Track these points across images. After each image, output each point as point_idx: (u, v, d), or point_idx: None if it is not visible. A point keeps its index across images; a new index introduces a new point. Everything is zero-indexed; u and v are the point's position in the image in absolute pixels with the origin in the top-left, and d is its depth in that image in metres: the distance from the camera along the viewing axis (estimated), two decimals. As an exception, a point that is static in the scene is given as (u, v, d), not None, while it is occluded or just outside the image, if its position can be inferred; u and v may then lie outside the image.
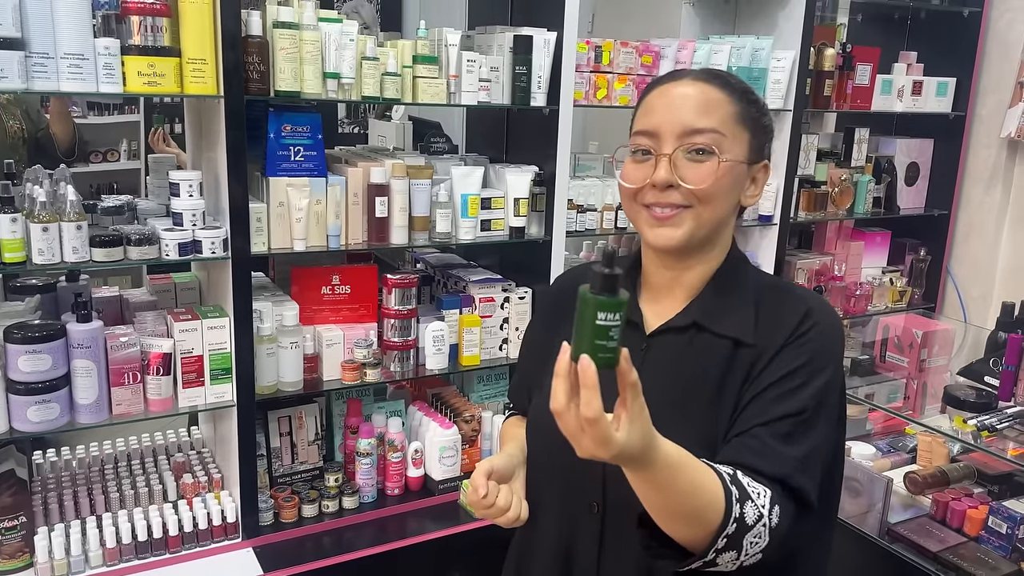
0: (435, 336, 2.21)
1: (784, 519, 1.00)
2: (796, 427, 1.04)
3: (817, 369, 1.07)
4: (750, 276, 1.18)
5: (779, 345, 1.09)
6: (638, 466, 0.90)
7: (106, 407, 1.85)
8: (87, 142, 4.23)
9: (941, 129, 3.12)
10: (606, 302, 0.81)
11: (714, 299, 1.15)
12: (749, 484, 0.99)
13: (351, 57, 1.92)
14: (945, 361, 2.12)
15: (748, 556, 0.99)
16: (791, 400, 1.05)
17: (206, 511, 1.99)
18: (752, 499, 0.98)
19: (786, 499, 1.01)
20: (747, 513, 0.97)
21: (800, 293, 1.18)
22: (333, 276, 2.16)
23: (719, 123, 1.09)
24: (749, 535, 0.97)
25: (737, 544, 0.97)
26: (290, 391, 2.06)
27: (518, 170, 2.29)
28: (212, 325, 1.92)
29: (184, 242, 1.84)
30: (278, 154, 1.95)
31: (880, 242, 3.13)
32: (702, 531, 0.96)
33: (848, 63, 2.78)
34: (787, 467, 1.02)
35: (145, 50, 1.73)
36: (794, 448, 1.04)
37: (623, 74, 2.35)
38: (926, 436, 1.85)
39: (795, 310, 1.11)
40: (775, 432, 1.04)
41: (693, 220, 1.10)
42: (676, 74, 1.16)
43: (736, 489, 0.97)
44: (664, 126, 1.10)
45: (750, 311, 1.13)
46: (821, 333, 1.10)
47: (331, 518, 2.14)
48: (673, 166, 1.08)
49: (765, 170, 1.17)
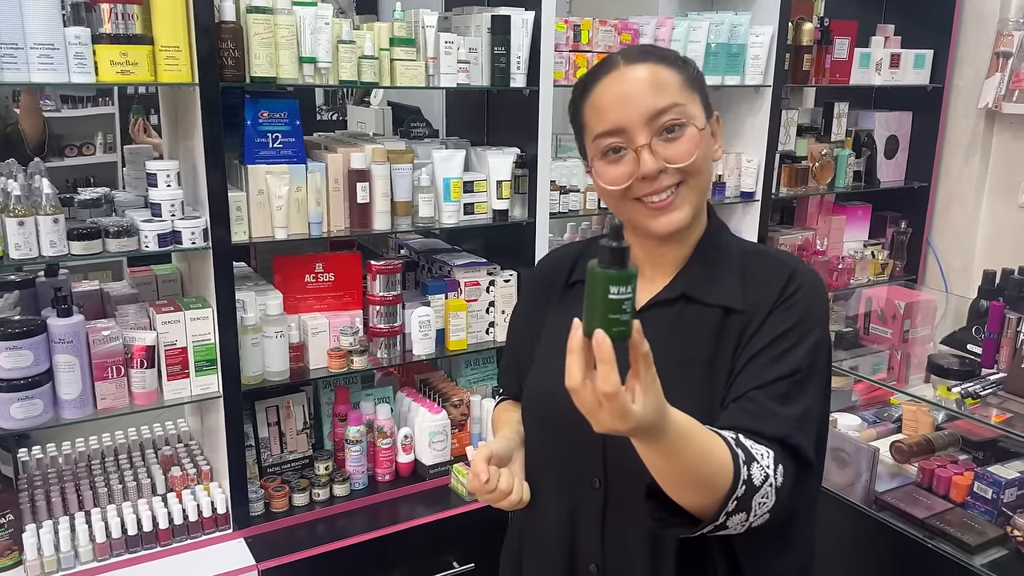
0: (421, 321, 2.20)
1: (787, 478, 1.02)
2: (791, 388, 1.06)
3: (807, 330, 1.09)
4: (732, 244, 1.20)
5: (767, 309, 1.10)
6: (652, 437, 0.90)
7: (90, 402, 1.83)
8: (59, 136, 4.18)
9: (919, 101, 3.14)
10: (617, 276, 0.81)
11: (700, 270, 1.16)
12: (752, 446, 1.00)
13: (327, 41, 1.90)
14: (928, 331, 2.13)
15: (757, 517, 1.00)
16: (784, 362, 1.07)
17: (196, 503, 1.99)
18: (757, 460, 0.99)
19: (787, 458, 1.03)
20: (754, 474, 0.98)
21: (782, 257, 1.19)
22: (316, 264, 2.15)
23: (676, 95, 1.10)
24: (757, 496, 0.98)
25: (746, 506, 0.98)
26: (277, 381, 2.05)
27: (499, 152, 2.27)
28: (195, 316, 1.90)
29: (163, 233, 1.82)
30: (256, 141, 1.92)
31: (861, 216, 3.15)
32: (712, 496, 0.96)
33: (826, 37, 2.78)
34: (785, 427, 1.04)
35: (117, 38, 1.70)
36: (791, 408, 1.05)
37: (602, 53, 2.34)
38: (911, 405, 1.87)
39: (780, 273, 1.13)
40: (771, 394, 1.05)
41: (690, 194, 1.11)
42: (605, 67, 1.14)
43: (742, 452, 0.98)
44: (628, 119, 1.09)
45: (736, 278, 1.14)
46: (807, 295, 1.11)
47: (322, 506, 2.14)
48: (654, 153, 1.09)
49: (718, 121, 1.18)
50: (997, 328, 1.83)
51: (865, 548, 1.66)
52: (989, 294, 1.92)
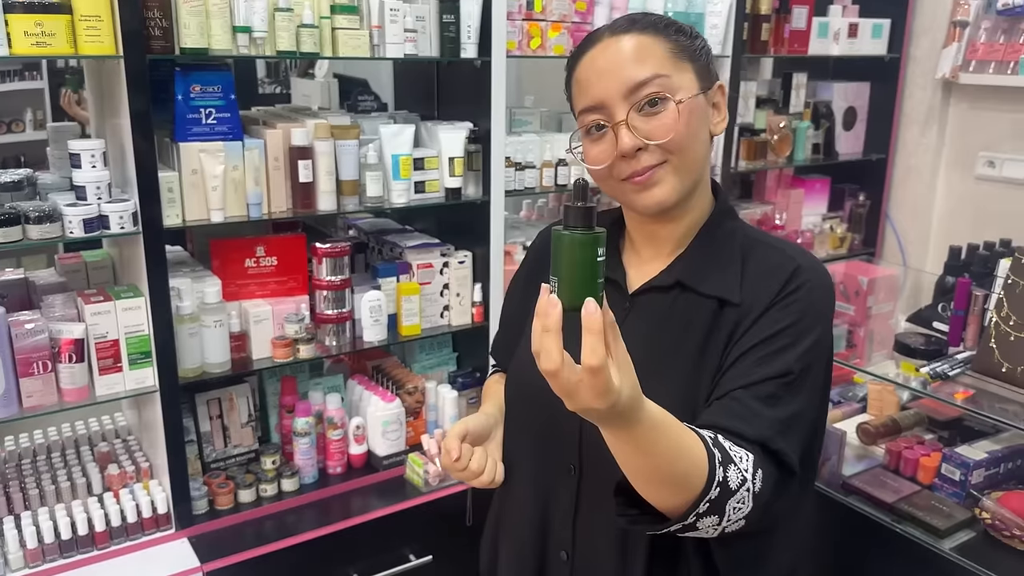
0: (372, 306, 2.11)
1: (767, 484, 0.96)
2: (780, 389, 1.00)
3: (805, 330, 1.03)
4: (736, 231, 1.12)
5: (765, 304, 1.04)
6: (625, 422, 0.85)
7: (15, 400, 1.71)
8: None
9: (877, 72, 3.10)
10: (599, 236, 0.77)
11: (699, 257, 1.10)
12: (731, 448, 0.95)
13: (262, 8, 1.77)
14: (890, 307, 2.10)
15: (730, 522, 0.95)
16: (776, 361, 1.01)
17: (135, 503, 1.88)
18: (735, 463, 0.93)
19: (767, 463, 0.97)
20: (730, 477, 0.92)
21: (789, 250, 1.11)
22: (257, 247, 2.03)
23: (658, 66, 1.03)
24: (732, 500, 0.93)
25: (719, 509, 0.93)
26: (217, 372, 1.94)
27: (451, 127, 2.17)
28: (127, 306, 1.78)
29: (89, 218, 1.69)
30: (188, 117, 1.80)
31: (820, 189, 3.12)
32: (684, 496, 0.91)
33: (784, 6, 2.72)
34: (768, 430, 0.98)
35: (31, 7, 1.56)
36: (777, 411, 0.99)
37: (557, 22, 2.24)
38: (876, 385, 1.83)
39: (783, 267, 1.06)
40: (757, 394, 0.99)
41: (674, 173, 1.04)
42: (591, 39, 1.09)
43: (719, 452, 0.93)
44: (607, 93, 1.04)
45: (736, 269, 1.08)
46: (810, 292, 1.04)
47: (270, 502, 2.04)
48: (633, 129, 1.02)
49: (721, 91, 1.11)
50: (964, 305, 1.79)
51: (833, 533, 1.63)
52: (955, 270, 1.89)
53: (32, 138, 4.26)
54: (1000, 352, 1.60)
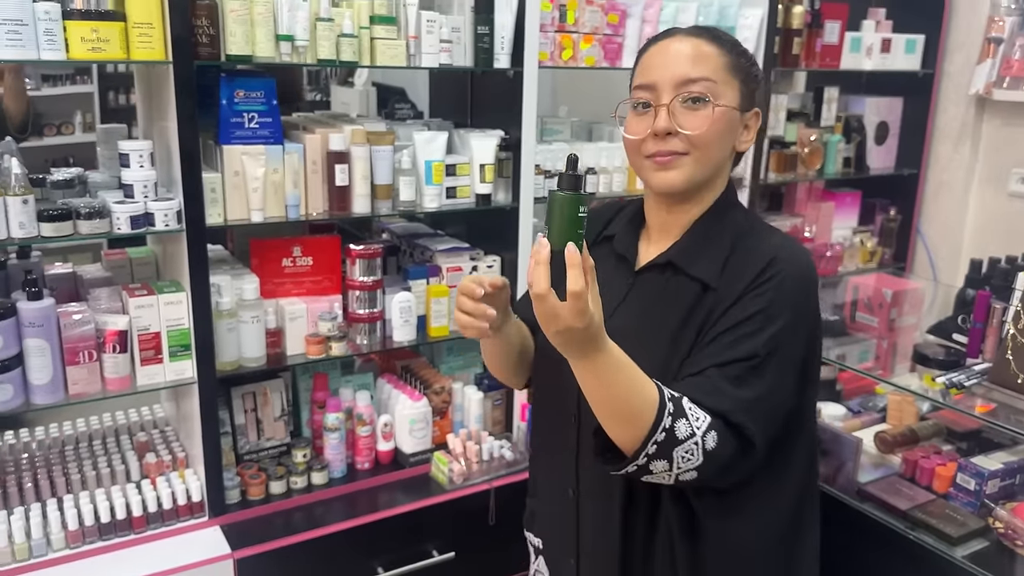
0: (402, 307, 2.17)
1: (723, 448, 1.07)
2: (746, 371, 1.10)
3: (772, 316, 1.12)
4: (734, 221, 1.22)
5: (739, 293, 1.14)
6: (593, 349, 1.01)
7: (62, 387, 1.79)
8: (39, 115, 4.09)
9: (910, 87, 3.10)
10: (582, 196, 0.97)
11: (692, 242, 1.21)
12: (690, 408, 1.07)
13: (304, 18, 1.85)
14: (915, 320, 2.11)
15: (681, 471, 1.07)
16: (744, 344, 1.11)
17: (170, 490, 1.95)
18: (687, 417, 1.06)
19: (727, 432, 1.08)
20: (678, 427, 1.05)
21: (773, 240, 1.21)
22: (294, 247, 2.11)
23: (711, 72, 1.17)
24: (680, 448, 1.05)
25: (667, 454, 1.05)
26: (253, 367, 2.01)
27: (483, 135, 2.23)
28: (169, 300, 1.86)
29: (136, 215, 1.77)
30: (231, 121, 1.88)
31: (850, 202, 3.12)
32: (635, 432, 1.05)
33: (817, 20, 2.74)
34: (731, 405, 1.08)
35: (88, 14, 1.65)
36: (741, 391, 1.09)
37: (589, 34, 2.29)
38: (896, 395, 1.84)
39: (761, 258, 1.16)
40: (726, 374, 1.10)
41: (692, 164, 1.17)
42: (669, 32, 1.24)
43: (672, 405, 1.06)
44: (661, 79, 1.18)
45: (722, 256, 1.18)
46: (781, 282, 1.14)
47: (300, 494, 2.11)
48: (671, 114, 1.16)
49: (756, 117, 1.23)
50: (983, 318, 1.80)
51: (848, 540, 1.64)
52: (976, 283, 1.90)
53: (81, 140, 4.40)
54: (1016, 364, 1.61)
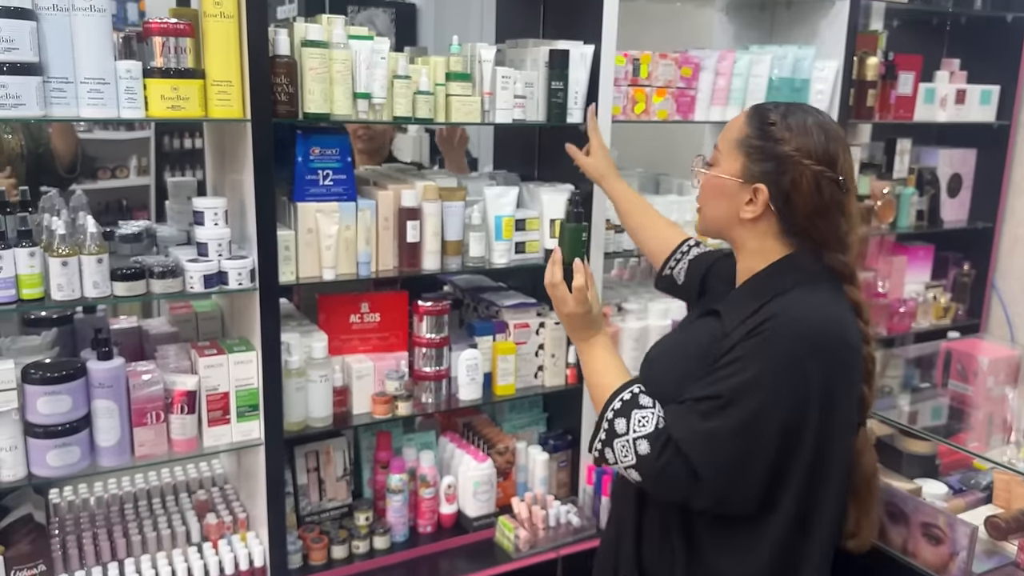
0: (468, 365, 2.11)
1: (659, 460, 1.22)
2: (711, 409, 1.22)
3: (744, 367, 1.21)
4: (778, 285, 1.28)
5: (735, 341, 1.25)
6: (589, 333, 1.41)
7: (128, 449, 1.75)
8: (93, 159, 4.13)
9: (984, 139, 3.01)
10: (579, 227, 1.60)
11: (739, 295, 1.36)
12: (642, 418, 1.25)
13: (382, 76, 1.82)
14: (1011, 390, 2.00)
15: (621, 465, 1.27)
16: (716, 385, 1.23)
17: (232, 554, 1.89)
18: (629, 419, 1.26)
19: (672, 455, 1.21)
20: (617, 424, 1.27)
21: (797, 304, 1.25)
22: (362, 303, 2.06)
23: (722, 142, 1.35)
24: (617, 442, 1.26)
25: (611, 444, 1.27)
26: (319, 427, 1.96)
27: (553, 189, 2.18)
28: (239, 360, 1.82)
29: (210, 274, 1.74)
30: (306, 178, 1.85)
31: (923, 256, 3.02)
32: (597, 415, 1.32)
33: (891, 72, 2.67)
34: (683, 432, 1.22)
35: (168, 72, 1.63)
36: (702, 424, 1.21)
37: (662, 87, 2.24)
38: (1003, 475, 1.74)
39: (767, 313, 1.24)
40: (697, 408, 1.23)
41: (699, 218, 1.43)
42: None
43: (621, 403, 1.28)
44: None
45: (751, 309, 1.27)
46: (765, 339, 1.21)
47: (361, 559, 2.04)
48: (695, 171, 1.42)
49: (758, 193, 1.28)
50: (1100, 393, 1.70)
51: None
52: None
53: (135, 183, 4.45)
54: None
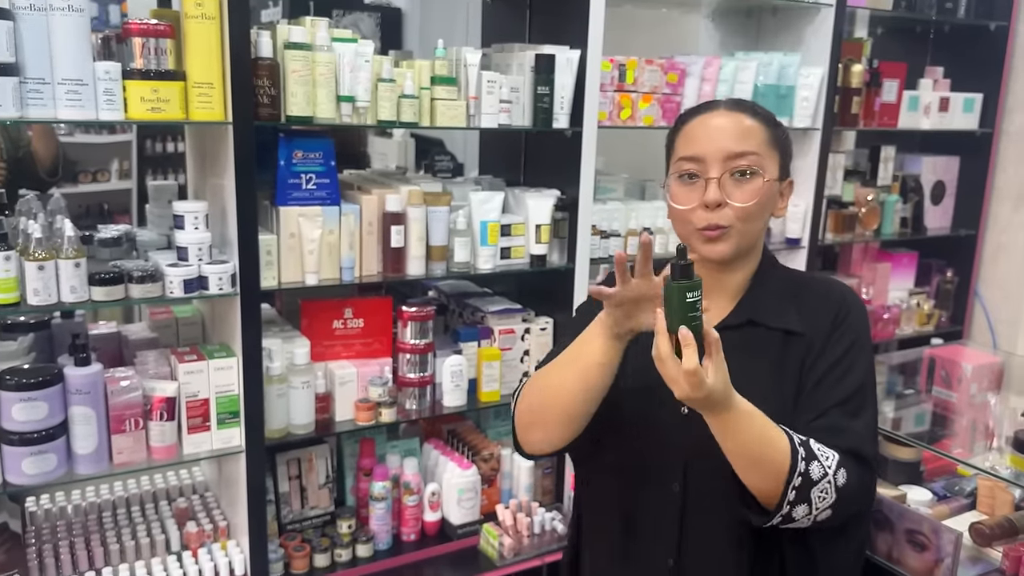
0: (453, 371, 2.09)
1: (852, 480, 1.16)
2: (857, 403, 1.23)
3: (860, 349, 1.26)
4: (783, 275, 1.36)
5: (827, 334, 1.26)
6: (721, 408, 1.10)
7: (106, 456, 1.72)
8: (75, 162, 4.09)
9: (967, 146, 3.02)
10: (690, 284, 1.06)
11: (761, 298, 1.31)
12: (819, 449, 1.16)
13: (366, 79, 1.80)
14: (995, 396, 2.00)
15: (819, 511, 1.15)
16: (848, 380, 1.23)
17: (212, 563, 1.87)
18: (819, 460, 1.15)
19: (856, 465, 1.18)
20: (812, 470, 1.13)
21: (824, 280, 1.37)
22: (346, 309, 2.04)
23: (756, 146, 1.25)
24: (815, 489, 1.13)
25: (806, 497, 1.13)
26: (301, 434, 1.93)
27: (539, 194, 2.17)
28: (219, 366, 1.79)
29: (190, 279, 1.71)
30: (289, 182, 1.83)
31: (907, 263, 3.03)
32: (773, 479, 1.13)
33: (875, 79, 2.68)
34: (856, 439, 1.20)
35: (148, 74, 1.61)
36: (859, 421, 1.22)
37: (648, 93, 2.24)
38: (987, 481, 1.73)
39: (829, 298, 1.30)
40: (844, 411, 1.22)
41: (738, 235, 1.25)
42: (708, 105, 1.31)
43: (803, 450, 1.14)
44: (709, 152, 1.24)
45: (791, 305, 1.29)
46: (856, 318, 1.28)
47: (344, 568, 2.02)
48: (721, 187, 1.23)
49: (790, 186, 1.33)
50: (1084, 401, 1.70)
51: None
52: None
53: (116, 187, 4.40)
54: None
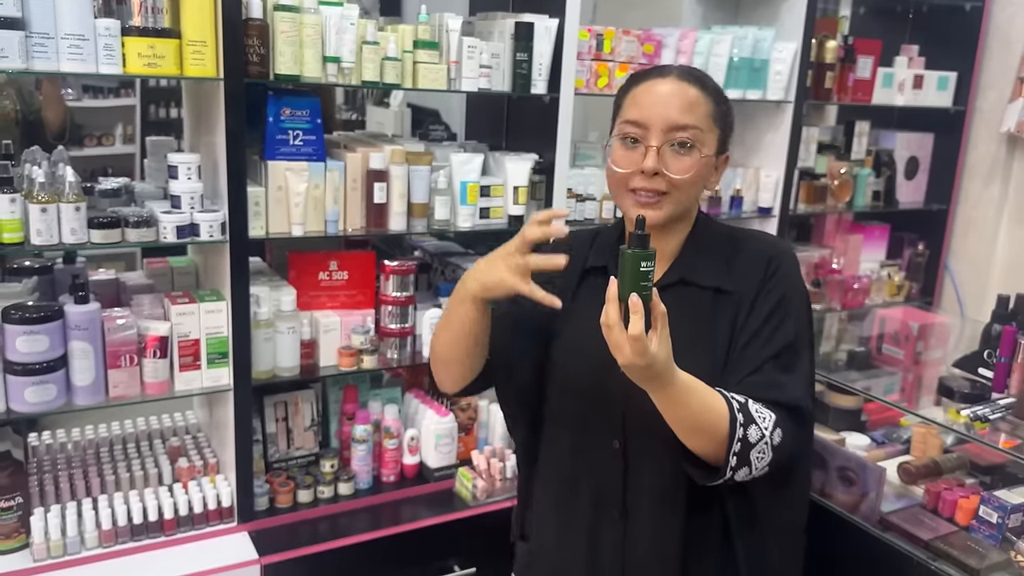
0: (432, 323, 2.21)
1: (787, 436, 1.23)
2: (790, 357, 1.28)
3: (790, 303, 1.31)
4: (716, 233, 1.40)
5: (756, 291, 1.31)
6: (662, 381, 1.14)
7: (103, 389, 1.85)
8: (80, 126, 4.21)
9: (941, 123, 3.12)
10: (644, 254, 1.10)
11: (693, 258, 1.36)
12: (757, 411, 1.21)
13: (351, 41, 1.91)
14: (941, 354, 2.12)
15: (758, 470, 1.22)
16: (779, 334, 1.28)
17: (201, 495, 2.00)
18: (756, 423, 1.20)
19: (791, 419, 1.24)
20: (750, 434, 1.19)
21: (759, 237, 1.42)
22: (331, 262, 2.16)
23: (699, 120, 1.28)
24: (754, 451, 1.20)
25: (746, 460, 1.20)
26: (287, 376, 2.06)
27: (517, 158, 2.28)
28: (209, 309, 1.91)
29: (182, 225, 1.83)
30: (277, 138, 1.94)
31: (879, 236, 3.13)
32: (714, 445, 1.19)
33: (850, 56, 2.78)
34: (791, 392, 1.26)
35: (145, 31, 1.72)
36: (793, 375, 1.28)
37: (624, 62, 2.34)
38: (920, 427, 1.85)
39: (761, 257, 1.34)
40: (778, 365, 1.27)
41: (671, 204, 1.30)
42: (660, 71, 1.33)
43: (742, 415, 1.19)
44: (652, 120, 1.27)
45: (723, 263, 1.34)
46: (787, 273, 1.33)
47: (326, 504, 2.15)
48: (660, 156, 1.27)
49: (725, 161, 1.37)
50: (1009, 353, 1.82)
51: (869, 568, 1.65)
52: (1002, 318, 1.92)
53: (121, 151, 4.51)
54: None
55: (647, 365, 1.10)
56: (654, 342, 1.09)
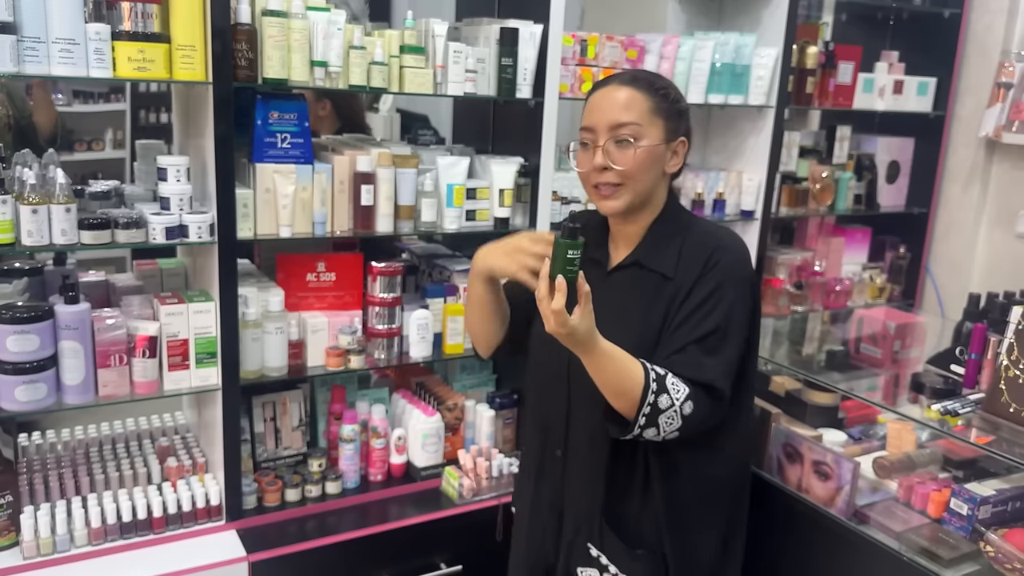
0: (419, 324, 2.24)
1: (699, 411, 1.40)
2: (715, 342, 1.43)
3: (723, 293, 1.44)
4: (679, 222, 1.54)
5: (693, 280, 1.46)
6: (585, 348, 1.34)
7: (92, 389, 1.87)
8: (71, 131, 4.22)
9: (921, 128, 3.17)
10: (572, 243, 1.29)
11: (650, 244, 1.53)
12: (673, 384, 1.39)
13: (338, 46, 1.95)
14: (918, 353, 2.16)
15: (667, 433, 1.40)
16: (708, 321, 1.43)
17: (190, 493, 2.02)
18: (669, 392, 1.38)
19: (706, 397, 1.41)
20: (661, 401, 1.37)
21: (713, 232, 1.54)
22: (318, 263, 2.19)
23: (637, 117, 1.45)
24: (662, 416, 1.37)
25: (654, 422, 1.38)
26: (275, 376, 2.09)
27: (503, 161, 2.32)
28: (198, 309, 1.94)
29: (171, 226, 1.86)
30: (265, 141, 1.97)
31: (860, 239, 3.18)
32: (629, 406, 1.37)
33: (830, 61, 2.83)
34: (710, 374, 1.41)
35: (135, 36, 1.75)
36: (716, 359, 1.43)
37: (608, 67, 2.38)
38: (896, 424, 1.89)
39: (705, 248, 1.48)
40: (702, 348, 1.43)
41: (628, 193, 1.47)
42: (610, 79, 1.51)
43: (656, 384, 1.37)
44: (598, 122, 1.47)
45: (674, 251, 1.50)
46: (725, 264, 1.46)
47: (314, 502, 2.17)
48: (606, 153, 1.45)
49: (682, 144, 1.52)
50: (979, 349, 1.86)
51: (844, 559, 1.69)
52: (974, 316, 1.96)
53: (111, 156, 4.53)
54: (1009, 394, 1.66)
55: (568, 333, 1.30)
56: (576, 315, 1.29)
